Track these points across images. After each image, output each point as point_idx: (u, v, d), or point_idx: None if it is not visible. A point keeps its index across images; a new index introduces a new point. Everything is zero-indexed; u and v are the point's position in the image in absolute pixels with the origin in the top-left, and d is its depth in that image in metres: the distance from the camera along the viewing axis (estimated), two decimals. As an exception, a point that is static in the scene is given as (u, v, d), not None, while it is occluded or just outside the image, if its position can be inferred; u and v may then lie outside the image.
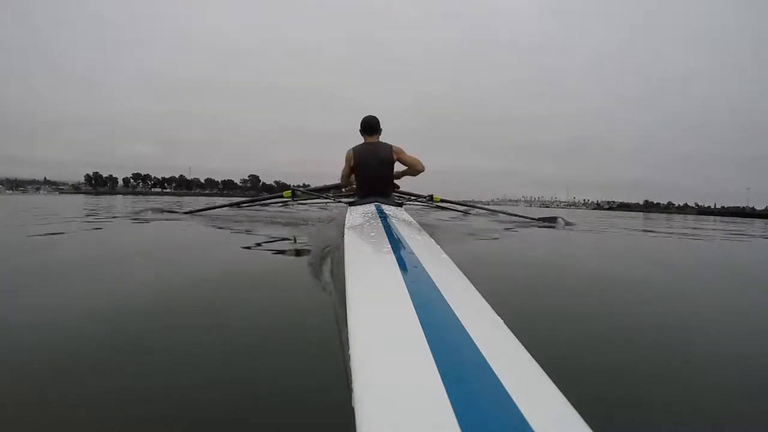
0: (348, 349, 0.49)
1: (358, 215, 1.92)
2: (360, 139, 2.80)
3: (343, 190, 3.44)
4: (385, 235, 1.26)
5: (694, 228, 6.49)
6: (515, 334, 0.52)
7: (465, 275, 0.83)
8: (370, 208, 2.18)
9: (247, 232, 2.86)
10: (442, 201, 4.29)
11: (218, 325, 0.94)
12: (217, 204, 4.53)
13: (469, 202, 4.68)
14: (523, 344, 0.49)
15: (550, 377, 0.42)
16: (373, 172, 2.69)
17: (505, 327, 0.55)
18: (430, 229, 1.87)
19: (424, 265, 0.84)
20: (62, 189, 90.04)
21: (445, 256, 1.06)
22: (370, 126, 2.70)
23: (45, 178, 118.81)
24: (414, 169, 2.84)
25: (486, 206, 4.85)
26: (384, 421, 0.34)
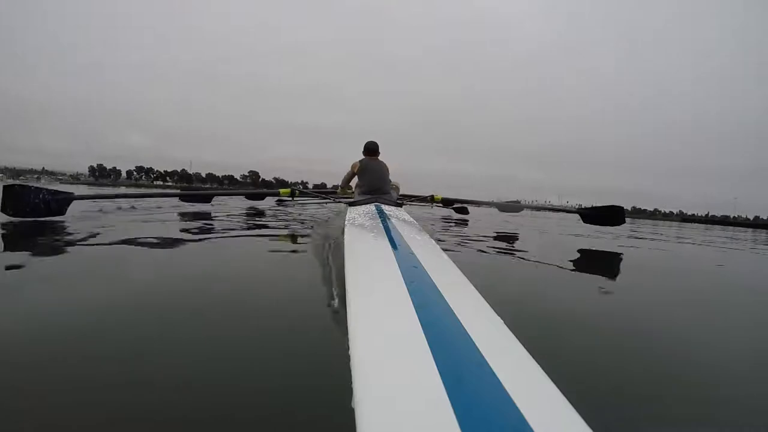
0: (348, 349, 0.49)
1: (358, 215, 1.91)
2: (360, 155, 3.39)
3: (338, 190, 3.80)
4: (385, 235, 1.26)
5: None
6: (515, 334, 0.52)
7: (465, 275, 0.83)
8: (371, 207, 2.17)
9: (246, 228, 2.86)
10: (443, 200, 4.32)
11: (215, 326, 0.93)
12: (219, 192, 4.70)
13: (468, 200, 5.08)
14: (523, 344, 0.49)
15: (550, 377, 0.42)
16: (376, 175, 3.13)
17: (505, 327, 0.55)
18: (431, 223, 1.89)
19: (424, 265, 0.84)
20: (61, 179, 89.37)
21: (445, 256, 1.06)
22: (372, 149, 3.35)
23: (43, 168, 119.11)
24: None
25: (482, 201, 5.27)
26: (384, 421, 0.34)
